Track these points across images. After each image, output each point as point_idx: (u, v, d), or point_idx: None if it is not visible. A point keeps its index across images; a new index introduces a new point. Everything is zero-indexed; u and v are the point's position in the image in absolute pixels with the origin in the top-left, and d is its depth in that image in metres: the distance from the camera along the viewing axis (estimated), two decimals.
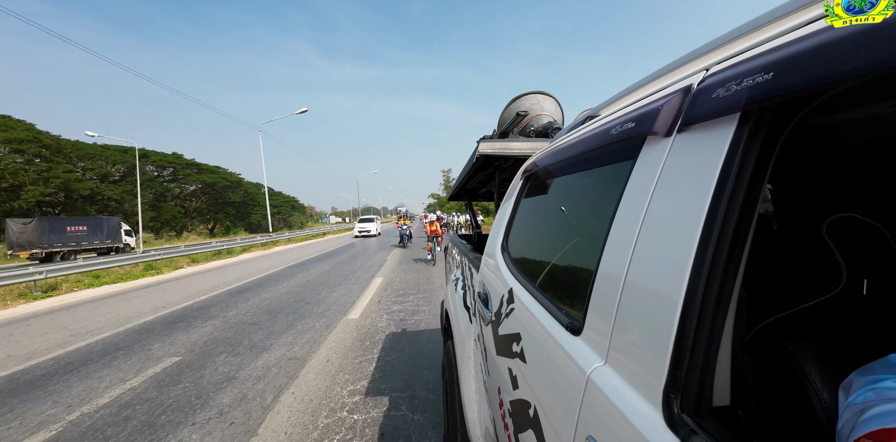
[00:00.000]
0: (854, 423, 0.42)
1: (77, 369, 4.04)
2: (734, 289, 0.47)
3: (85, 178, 29.41)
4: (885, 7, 0.36)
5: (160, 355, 4.33)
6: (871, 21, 0.36)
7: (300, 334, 4.91)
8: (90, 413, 3.05)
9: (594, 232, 0.82)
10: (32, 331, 5.78)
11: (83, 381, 3.72)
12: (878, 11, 0.37)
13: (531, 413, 0.84)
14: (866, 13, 0.37)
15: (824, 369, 0.54)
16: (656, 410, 0.49)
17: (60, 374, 3.93)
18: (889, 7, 0.36)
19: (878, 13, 0.37)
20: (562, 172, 1.19)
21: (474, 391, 1.55)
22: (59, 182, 26.24)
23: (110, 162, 32.74)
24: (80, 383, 3.66)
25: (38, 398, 3.37)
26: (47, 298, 8.51)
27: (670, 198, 0.57)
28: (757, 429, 0.55)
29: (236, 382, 3.51)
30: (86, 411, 3.08)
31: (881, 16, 0.36)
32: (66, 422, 2.93)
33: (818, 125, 0.69)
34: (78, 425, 2.88)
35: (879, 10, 0.37)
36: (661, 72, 0.75)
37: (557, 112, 2.76)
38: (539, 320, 0.91)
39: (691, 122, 0.56)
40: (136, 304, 7.41)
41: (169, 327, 5.53)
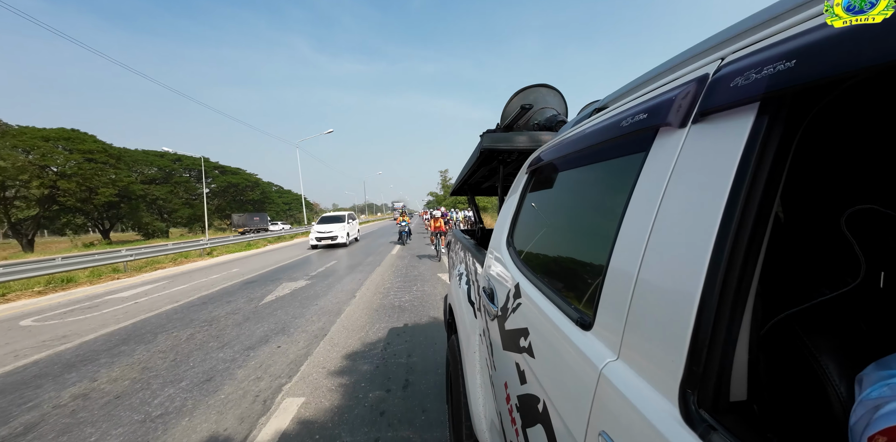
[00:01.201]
0: (868, 419, 0.41)
1: (261, 281, 8.88)
2: (752, 283, 0.46)
3: (137, 181, 35.67)
4: (885, 7, 0.36)
5: (296, 277, 9.05)
6: (870, 21, 0.36)
7: (364, 264, 10.73)
8: (276, 297, 6.88)
9: (604, 226, 0.81)
10: (223, 267, 12.04)
11: (264, 286, 8.04)
12: (878, 11, 0.36)
13: (540, 408, 0.84)
14: (866, 13, 0.37)
15: (841, 363, 0.53)
16: (672, 405, 0.48)
17: (260, 281, 8.80)
18: (889, 7, 0.36)
19: (877, 13, 0.36)
20: (569, 166, 1.17)
21: (479, 386, 1.55)
22: (122, 185, 31.96)
23: (153, 166, 40.38)
24: (261, 288, 7.86)
25: (254, 288, 7.95)
26: (217, 257, 15.71)
27: (685, 191, 0.56)
28: (773, 424, 0.55)
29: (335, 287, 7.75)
30: (272, 297, 6.92)
31: (881, 16, 0.36)
32: (269, 298, 6.82)
33: (837, 113, 0.68)
34: (273, 299, 6.73)
35: (879, 10, 0.36)
36: (673, 61, 0.73)
37: (561, 105, 2.74)
38: (548, 315, 0.91)
39: (707, 113, 0.55)
40: (265, 258, 14.09)
41: (291, 268, 10.91)
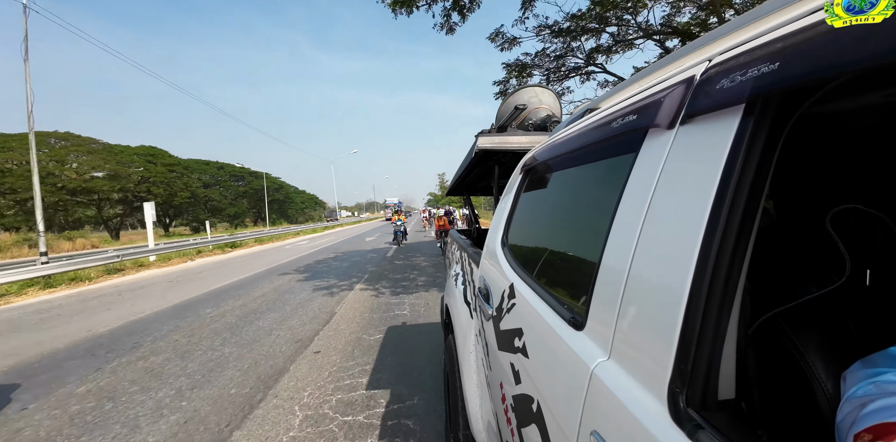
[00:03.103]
0: (854, 417, 0.42)
1: (308, 260, 11.72)
2: (739, 281, 0.47)
3: (199, 187, 44.51)
4: (884, 7, 0.36)
5: (329, 258, 11.84)
6: (870, 21, 0.36)
7: (372, 242, 17.22)
8: (319, 262, 10.98)
9: (595, 226, 0.81)
10: (271, 253, 14.42)
11: (317, 262, 11.05)
12: (878, 11, 0.37)
13: (534, 408, 0.84)
14: (866, 13, 0.37)
15: (828, 361, 0.54)
16: (661, 404, 0.49)
17: (317, 254, 13.28)
18: (889, 7, 0.36)
19: (878, 13, 0.37)
20: (562, 166, 1.18)
21: (476, 386, 1.55)
22: (192, 189, 41.35)
23: (206, 173, 48.25)
24: (315, 261, 11.22)
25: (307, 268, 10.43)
26: (268, 244, 19.35)
27: (674, 191, 0.57)
28: (762, 421, 0.55)
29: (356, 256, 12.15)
30: (317, 263, 10.76)
31: (881, 16, 0.36)
32: (323, 268, 9.94)
33: (821, 115, 0.69)
34: (322, 265, 10.45)
35: (879, 10, 0.37)
36: (662, 63, 0.74)
37: (556, 105, 2.75)
38: (541, 315, 0.91)
39: (694, 115, 0.55)
40: (306, 244, 17.70)
41: (327, 250, 14.37)
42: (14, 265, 9.88)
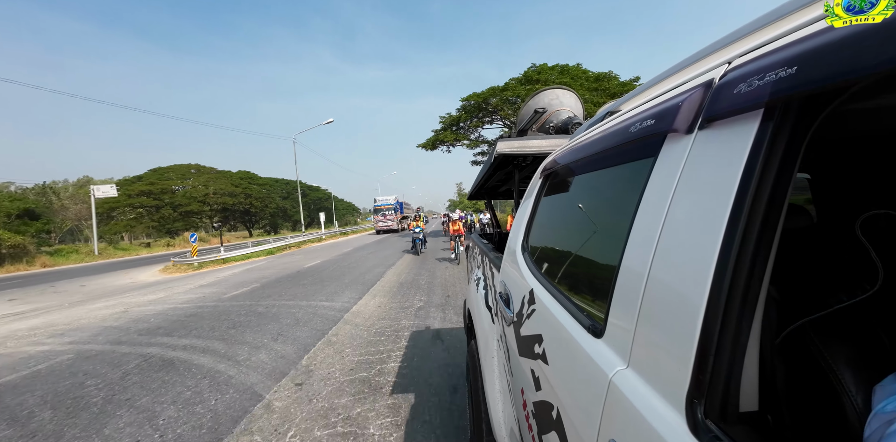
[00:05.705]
0: (882, 433, 0.40)
1: (370, 245, 20.64)
2: (761, 290, 0.46)
3: (280, 199, 55.75)
4: (884, 7, 0.36)
5: (384, 247, 18.67)
6: (870, 21, 0.35)
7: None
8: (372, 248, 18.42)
9: (615, 232, 0.81)
10: (343, 244, 23.14)
11: (368, 250, 17.64)
12: (878, 11, 0.36)
13: (554, 415, 0.84)
14: (866, 13, 0.36)
15: (859, 374, 0.52)
16: (680, 415, 0.48)
17: (382, 240, 24.06)
18: (889, 7, 0.35)
19: (878, 13, 0.36)
20: (582, 170, 1.17)
21: (498, 391, 1.55)
22: (277, 202, 52.51)
23: (282, 189, 58.77)
24: (371, 248, 18.53)
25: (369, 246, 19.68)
26: (343, 237, 31.03)
27: (693, 198, 0.56)
28: (787, 435, 0.53)
29: None
30: (372, 252, 16.43)
31: (881, 16, 0.35)
32: (381, 245, 19.44)
33: (851, 116, 0.66)
34: (378, 245, 19.98)
35: (879, 10, 0.36)
36: (681, 65, 0.73)
37: (577, 106, 2.72)
38: (560, 322, 0.91)
39: (713, 119, 0.54)
40: (367, 237, 28.57)
41: (383, 240, 24.45)
42: (210, 251, 18.52)
